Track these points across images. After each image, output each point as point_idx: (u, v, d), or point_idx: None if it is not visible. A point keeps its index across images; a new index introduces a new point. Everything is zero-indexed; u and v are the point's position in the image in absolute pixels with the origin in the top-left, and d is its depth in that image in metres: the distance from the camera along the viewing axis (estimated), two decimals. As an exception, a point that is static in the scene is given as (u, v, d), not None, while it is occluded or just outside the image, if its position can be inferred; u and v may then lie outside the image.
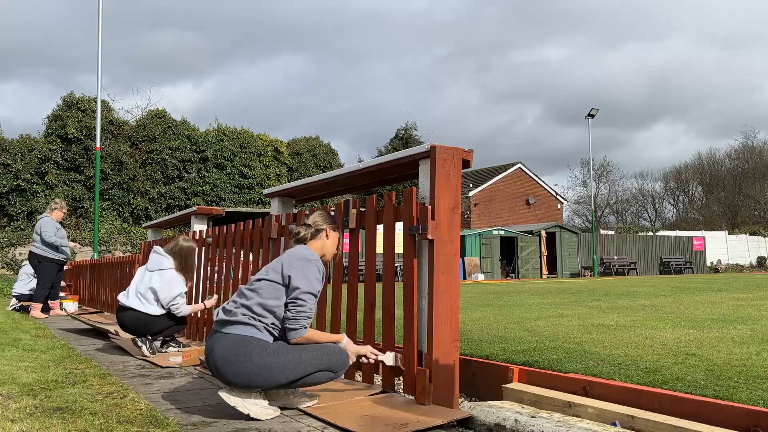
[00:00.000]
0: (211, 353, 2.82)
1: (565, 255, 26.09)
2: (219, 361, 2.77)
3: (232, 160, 27.67)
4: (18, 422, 2.49)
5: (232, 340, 2.79)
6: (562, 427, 2.40)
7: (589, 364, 3.40)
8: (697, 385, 2.84)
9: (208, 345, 2.88)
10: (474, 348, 4.06)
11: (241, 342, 2.78)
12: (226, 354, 2.76)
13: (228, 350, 2.77)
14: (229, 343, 2.78)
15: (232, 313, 2.87)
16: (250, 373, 2.74)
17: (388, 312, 3.25)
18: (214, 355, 2.80)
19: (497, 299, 9.21)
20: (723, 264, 32.21)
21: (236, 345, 2.77)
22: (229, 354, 2.76)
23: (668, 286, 12.36)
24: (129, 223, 25.33)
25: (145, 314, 4.77)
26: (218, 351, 2.79)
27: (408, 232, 3.13)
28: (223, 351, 2.77)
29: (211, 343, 2.85)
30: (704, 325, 5.23)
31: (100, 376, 3.72)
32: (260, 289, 2.89)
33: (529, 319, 5.93)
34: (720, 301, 7.99)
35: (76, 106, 24.72)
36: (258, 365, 2.74)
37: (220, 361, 2.77)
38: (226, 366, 2.76)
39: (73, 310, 9.50)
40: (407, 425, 2.58)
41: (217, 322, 2.93)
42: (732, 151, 50.57)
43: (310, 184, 4.38)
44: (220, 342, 2.81)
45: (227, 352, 2.76)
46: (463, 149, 3.18)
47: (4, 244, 21.97)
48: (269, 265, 3.03)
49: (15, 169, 23.31)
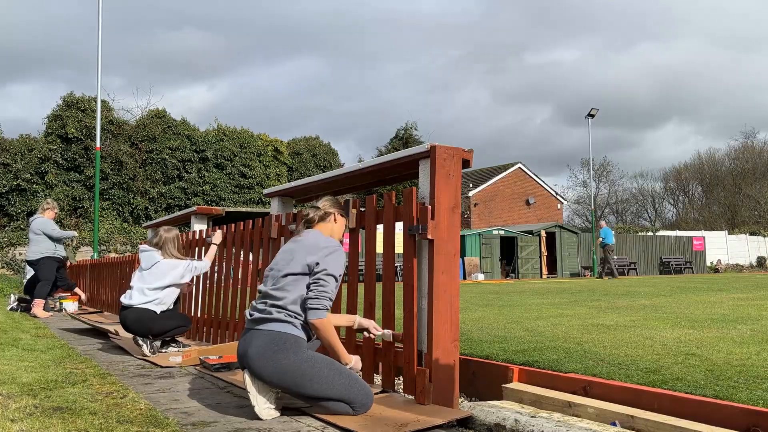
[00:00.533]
0: (248, 348, 2.79)
1: (565, 255, 26.09)
2: (256, 357, 2.75)
3: (232, 160, 27.67)
4: (18, 422, 2.49)
5: (270, 336, 2.78)
6: (562, 426, 2.40)
7: (589, 364, 3.40)
8: (697, 385, 2.84)
9: (243, 342, 2.86)
10: (474, 348, 4.06)
11: (279, 338, 2.77)
12: (263, 350, 2.75)
13: (266, 346, 2.75)
14: (268, 339, 2.77)
15: (267, 311, 2.85)
16: (283, 371, 2.72)
17: (388, 312, 3.25)
18: (252, 350, 2.77)
19: (497, 299, 9.21)
20: (723, 264, 32.21)
21: (274, 341, 2.76)
22: (266, 350, 2.74)
23: (668, 286, 12.36)
24: (129, 223, 25.32)
25: (148, 311, 4.78)
26: (256, 346, 2.77)
27: (408, 232, 3.13)
28: (262, 346, 2.76)
29: (248, 339, 2.83)
30: (704, 325, 5.23)
31: (100, 376, 3.72)
32: (288, 286, 2.86)
33: (529, 319, 5.93)
34: (720, 301, 7.99)
35: (76, 105, 24.71)
36: (294, 364, 2.72)
37: (257, 357, 2.74)
38: (262, 361, 2.74)
39: (73, 310, 9.50)
40: (407, 425, 2.58)
41: (251, 320, 2.90)
42: (732, 151, 50.60)
43: (310, 183, 4.38)
44: (259, 338, 2.79)
45: (265, 348, 2.75)
46: (463, 149, 3.18)
47: (4, 243, 21.96)
48: (283, 258, 2.98)
49: (15, 168, 23.30)
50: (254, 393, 2.76)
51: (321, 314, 2.78)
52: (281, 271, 2.92)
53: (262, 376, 2.75)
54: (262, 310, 2.87)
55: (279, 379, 2.73)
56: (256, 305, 2.94)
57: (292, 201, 4.94)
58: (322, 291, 2.80)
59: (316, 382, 2.72)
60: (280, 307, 2.82)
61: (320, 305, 2.78)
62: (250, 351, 2.77)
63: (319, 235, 3.03)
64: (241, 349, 2.87)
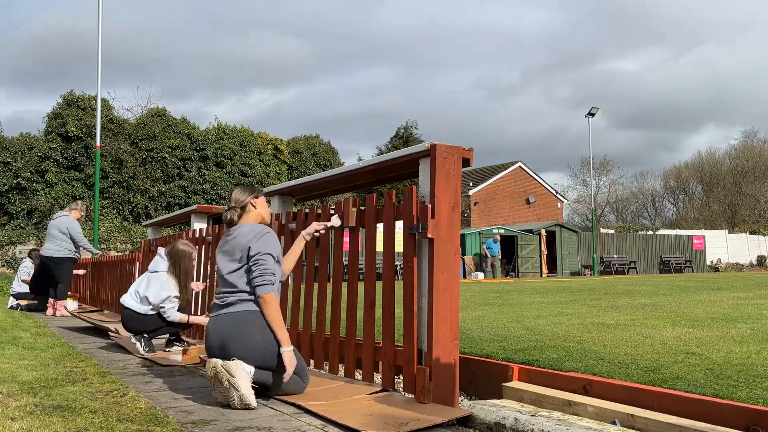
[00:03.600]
0: (217, 328, 3.01)
1: (565, 254, 26.09)
2: (226, 335, 2.97)
3: (232, 159, 27.67)
4: (18, 420, 2.49)
5: (239, 315, 3.01)
6: (562, 425, 2.40)
7: (589, 363, 3.40)
8: (697, 384, 2.84)
9: (212, 324, 3.06)
10: (474, 347, 4.06)
11: (249, 315, 3.01)
12: (234, 328, 2.98)
13: (236, 324, 2.99)
14: (237, 317, 3.00)
15: (228, 299, 3.08)
16: (251, 347, 2.95)
17: (388, 310, 3.25)
18: (221, 329, 2.99)
19: (497, 298, 9.21)
20: (723, 263, 32.21)
21: (244, 318, 3.00)
22: (236, 327, 2.98)
23: (668, 285, 12.37)
24: (129, 222, 25.32)
25: (137, 313, 4.83)
26: (226, 325, 3.00)
27: (408, 231, 3.12)
28: (232, 325, 2.99)
29: (216, 321, 3.05)
30: (704, 323, 5.23)
31: (100, 375, 3.72)
32: (238, 278, 3.09)
33: (529, 318, 5.93)
34: (720, 300, 7.99)
35: (76, 104, 24.70)
36: (261, 340, 2.98)
37: (228, 334, 2.97)
38: (232, 338, 2.96)
39: (73, 309, 9.50)
40: (407, 423, 2.58)
41: (218, 305, 3.11)
42: (732, 150, 50.57)
43: (310, 182, 4.38)
44: (228, 318, 3.02)
45: (236, 326, 2.98)
46: (463, 148, 3.18)
47: (4, 242, 21.97)
48: (222, 260, 3.19)
49: (15, 167, 23.30)
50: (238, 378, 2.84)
51: (268, 288, 3.02)
52: (227, 269, 3.14)
53: (231, 352, 2.93)
54: (224, 298, 3.09)
55: (246, 354, 2.94)
56: (217, 300, 3.15)
57: (293, 200, 4.94)
58: (264, 269, 3.03)
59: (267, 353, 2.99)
60: (239, 292, 3.07)
61: (265, 281, 3.02)
62: (220, 330, 3.00)
63: (245, 227, 3.21)
64: (209, 331, 3.06)
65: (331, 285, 3.77)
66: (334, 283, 3.75)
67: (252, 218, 3.29)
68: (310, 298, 4.00)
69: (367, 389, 3.24)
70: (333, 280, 3.76)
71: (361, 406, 2.92)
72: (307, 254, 3.99)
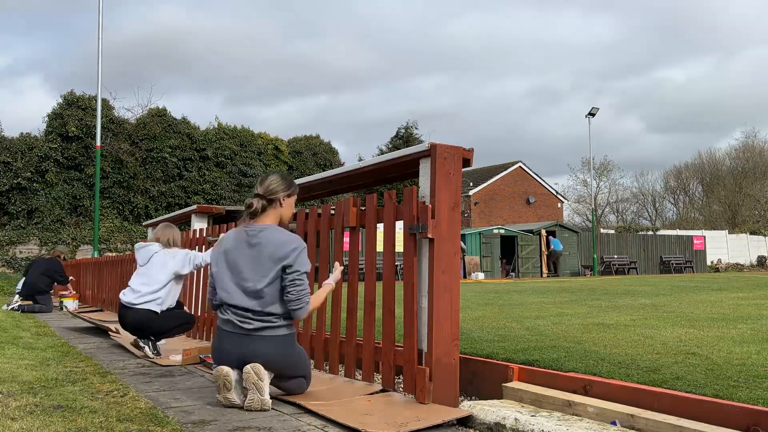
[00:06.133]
0: (242, 349, 2.93)
1: (566, 254, 26.09)
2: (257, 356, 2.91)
3: (233, 159, 27.66)
4: (18, 420, 2.49)
5: (276, 342, 2.97)
6: (562, 425, 2.40)
7: (589, 363, 3.40)
8: (697, 384, 2.84)
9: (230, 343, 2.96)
10: (474, 347, 4.06)
11: (285, 339, 3.01)
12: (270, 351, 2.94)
13: (273, 348, 2.95)
14: (274, 344, 2.96)
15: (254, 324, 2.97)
16: (291, 366, 3.04)
17: (389, 310, 3.25)
18: (247, 351, 2.92)
19: (497, 298, 9.21)
20: (723, 263, 32.20)
21: (284, 341, 3.00)
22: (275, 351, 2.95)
23: (668, 285, 12.36)
24: (129, 222, 25.31)
25: (148, 312, 4.65)
26: (259, 349, 2.92)
27: (408, 231, 3.12)
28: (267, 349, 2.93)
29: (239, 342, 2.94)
30: (704, 324, 5.23)
31: (101, 375, 3.72)
32: (270, 296, 2.97)
33: (529, 318, 5.93)
34: (720, 301, 7.99)
35: (77, 104, 24.69)
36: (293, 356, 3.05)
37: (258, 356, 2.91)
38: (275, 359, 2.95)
39: (73, 308, 9.51)
40: (407, 424, 2.58)
41: (238, 325, 2.98)
42: (732, 150, 50.57)
43: (310, 182, 4.38)
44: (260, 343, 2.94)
45: (273, 350, 2.94)
46: (464, 148, 3.18)
47: (4, 242, 21.97)
48: (247, 266, 3.00)
49: (15, 167, 23.29)
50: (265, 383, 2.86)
51: (305, 311, 3.02)
52: (249, 283, 2.98)
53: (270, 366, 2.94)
54: (246, 323, 2.97)
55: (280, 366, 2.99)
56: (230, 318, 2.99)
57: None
58: (302, 291, 2.98)
59: (299, 366, 3.08)
60: (265, 315, 2.97)
61: (303, 304, 2.99)
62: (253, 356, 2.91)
63: (275, 233, 3.03)
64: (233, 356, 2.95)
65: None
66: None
67: (271, 217, 3.09)
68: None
69: (368, 389, 3.25)
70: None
71: (362, 406, 2.92)
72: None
